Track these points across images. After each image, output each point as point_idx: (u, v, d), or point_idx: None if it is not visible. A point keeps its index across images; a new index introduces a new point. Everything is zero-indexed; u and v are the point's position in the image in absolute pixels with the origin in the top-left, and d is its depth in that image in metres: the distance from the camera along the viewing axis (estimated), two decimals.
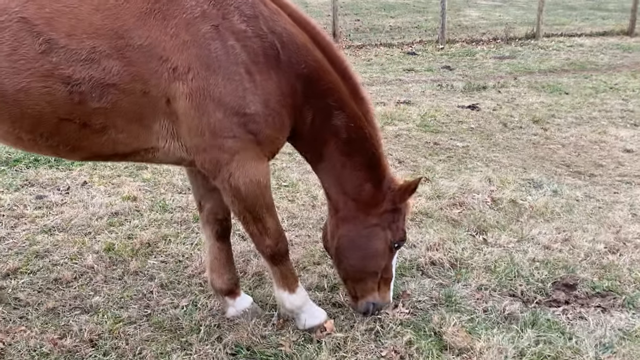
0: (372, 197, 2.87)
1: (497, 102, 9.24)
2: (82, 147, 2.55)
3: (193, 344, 2.76)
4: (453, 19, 18.44)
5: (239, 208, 2.67)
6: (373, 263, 2.92)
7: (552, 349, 2.78)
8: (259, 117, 2.52)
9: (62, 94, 2.36)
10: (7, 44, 2.30)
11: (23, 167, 5.12)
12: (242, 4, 2.50)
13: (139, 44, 2.38)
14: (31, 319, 2.95)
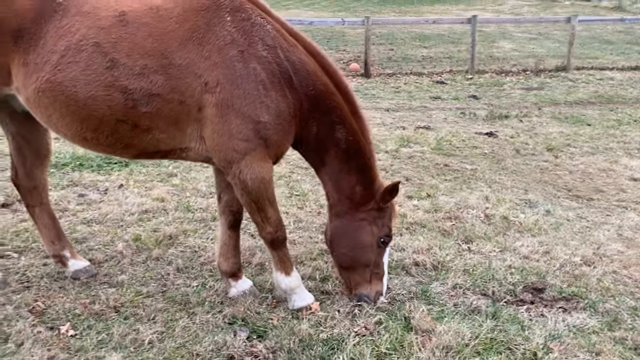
0: (362, 197, 3.40)
1: (516, 130, 9.56)
2: (133, 145, 3.17)
3: (197, 314, 3.28)
4: (485, 50, 18.84)
5: (245, 199, 3.22)
6: (361, 254, 3.41)
7: (505, 335, 3.17)
8: (270, 125, 3.08)
9: (119, 100, 2.99)
10: (83, 62, 2.96)
11: (69, 170, 5.83)
12: (265, 36, 3.10)
13: (179, 63, 2.99)
14: (68, 289, 3.54)
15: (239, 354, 2.92)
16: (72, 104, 2.99)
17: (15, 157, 3.62)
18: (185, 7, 3.08)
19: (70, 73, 2.95)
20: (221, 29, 3.03)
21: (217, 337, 3.03)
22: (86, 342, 2.97)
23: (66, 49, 2.95)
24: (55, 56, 2.96)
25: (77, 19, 2.99)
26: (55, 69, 2.96)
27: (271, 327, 3.19)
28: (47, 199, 3.74)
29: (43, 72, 2.97)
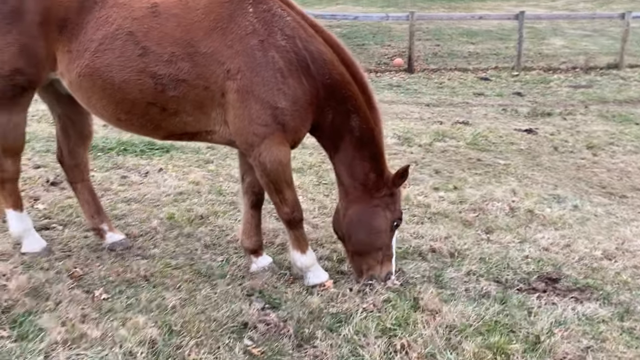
0: (375, 183, 3.55)
1: (557, 128, 9.42)
2: (162, 127, 3.43)
3: (219, 285, 3.52)
4: (535, 46, 18.42)
5: (264, 180, 3.43)
6: (377, 238, 3.55)
7: (510, 319, 3.26)
8: (287, 111, 3.27)
9: (150, 85, 3.26)
10: (118, 49, 3.24)
11: (114, 154, 6.22)
12: (284, 27, 3.30)
13: (204, 52, 3.23)
14: (104, 259, 3.85)
15: (252, 321, 3.13)
16: (108, 87, 3.28)
17: (60, 137, 3.96)
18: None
19: (107, 59, 3.24)
20: (243, 20, 3.23)
21: (234, 305, 3.25)
22: (116, 304, 3.26)
23: (103, 38, 3.24)
24: (94, 44, 3.25)
25: (113, 10, 3.27)
26: (94, 56, 3.25)
27: (285, 299, 3.39)
28: (88, 177, 4.07)
29: (83, 59, 3.27)
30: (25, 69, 3.38)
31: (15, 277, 3.44)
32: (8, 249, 3.84)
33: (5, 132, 3.53)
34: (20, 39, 3.31)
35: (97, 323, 3.04)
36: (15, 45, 3.32)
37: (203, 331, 3.01)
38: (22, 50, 3.33)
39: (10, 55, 3.33)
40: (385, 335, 3.06)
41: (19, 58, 3.34)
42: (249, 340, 3.01)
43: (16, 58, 3.34)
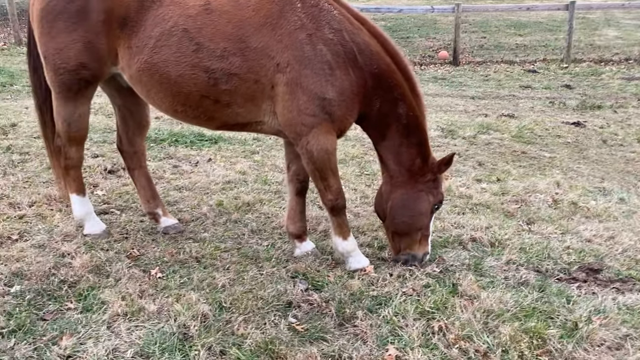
0: (420, 168, 3.69)
1: (607, 121, 9.21)
2: (215, 118, 3.63)
3: (265, 267, 3.71)
4: (586, 38, 17.91)
5: (311, 168, 3.59)
6: (419, 220, 3.70)
7: (548, 305, 3.31)
8: (334, 101, 3.42)
9: (203, 78, 3.45)
10: (174, 45, 3.45)
11: (166, 145, 6.53)
12: (332, 20, 3.44)
13: (254, 47, 3.40)
14: (158, 241, 4.11)
15: (297, 301, 3.31)
16: (164, 81, 3.50)
17: (120, 126, 4.24)
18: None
19: (164, 55, 3.45)
20: (292, 15, 3.39)
21: (279, 286, 3.43)
22: (171, 282, 3.49)
23: (161, 34, 3.45)
24: (152, 40, 3.46)
25: (170, 8, 3.48)
26: (152, 52, 3.47)
27: (327, 282, 3.55)
28: (144, 164, 4.34)
29: (142, 54, 3.49)
30: (89, 64, 3.64)
31: (79, 256, 3.73)
32: (72, 230, 4.15)
33: (70, 122, 3.81)
34: (85, 36, 3.57)
35: (153, 298, 3.28)
36: (81, 42, 3.58)
37: (250, 308, 3.21)
38: (87, 46, 3.59)
39: (76, 51, 3.60)
40: (424, 317, 3.18)
41: (84, 54, 3.60)
42: (293, 317, 3.18)
43: (81, 54, 3.60)
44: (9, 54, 13.60)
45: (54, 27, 3.60)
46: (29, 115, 7.48)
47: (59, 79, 3.69)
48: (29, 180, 5.14)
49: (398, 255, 3.80)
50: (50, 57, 3.67)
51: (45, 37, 3.65)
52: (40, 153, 5.86)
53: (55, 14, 3.58)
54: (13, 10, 14.77)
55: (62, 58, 3.62)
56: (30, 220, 4.33)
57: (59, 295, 3.31)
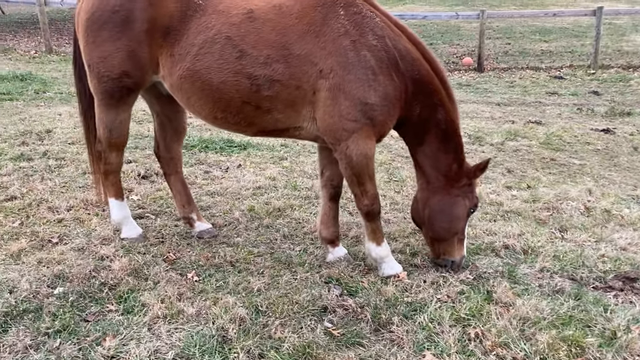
0: (456, 174, 3.74)
1: (638, 127, 9.07)
2: (255, 123, 3.68)
3: (298, 272, 3.75)
4: (614, 44, 17.66)
5: (349, 173, 3.62)
6: (456, 225, 3.75)
7: (585, 314, 3.28)
8: (377, 106, 3.46)
9: (245, 85, 3.51)
10: (217, 52, 3.51)
11: (197, 151, 6.63)
12: (374, 27, 3.49)
13: (298, 53, 3.45)
14: (193, 245, 4.18)
15: (332, 306, 3.34)
16: (206, 88, 3.56)
17: (158, 132, 4.34)
18: (304, 4, 3.52)
19: (206, 62, 3.51)
20: (335, 22, 3.44)
21: (314, 291, 3.47)
22: (207, 286, 3.56)
23: (204, 42, 3.52)
24: (194, 48, 3.54)
25: (212, 16, 3.55)
26: (194, 59, 3.53)
27: (361, 287, 3.58)
28: (181, 169, 4.43)
29: (185, 62, 3.57)
30: (132, 72, 3.73)
31: (118, 259, 3.82)
32: (109, 234, 4.25)
33: (112, 128, 3.91)
34: (128, 45, 3.67)
35: (191, 301, 3.35)
36: (124, 50, 3.68)
37: (286, 312, 3.25)
38: (130, 55, 3.68)
39: (120, 59, 3.70)
40: (460, 324, 3.18)
41: (127, 62, 3.70)
42: (329, 322, 3.21)
43: (124, 62, 3.70)
44: (40, 62, 13.93)
45: (98, 36, 3.70)
46: (62, 122, 7.67)
47: (102, 87, 3.80)
48: (65, 185, 5.27)
49: (438, 260, 3.85)
50: (95, 66, 3.77)
51: (90, 46, 3.76)
52: (76, 159, 6.01)
53: (100, 24, 3.69)
54: (44, 19, 15.13)
55: (106, 66, 3.73)
56: (68, 224, 4.45)
57: (100, 297, 3.40)
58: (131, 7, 3.63)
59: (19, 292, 3.36)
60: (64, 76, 11.84)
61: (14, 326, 3.07)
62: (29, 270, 3.66)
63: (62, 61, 13.95)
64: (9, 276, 3.55)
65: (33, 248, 4.00)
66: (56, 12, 23.82)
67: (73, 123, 7.55)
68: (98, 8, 3.70)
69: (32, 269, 3.67)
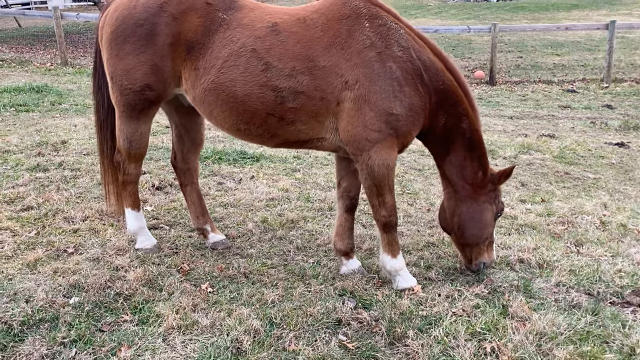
0: (482, 181, 3.79)
1: None
2: (278, 135, 3.70)
3: (312, 284, 3.75)
4: (626, 57, 17.60)
5: (369, 183, 3.62)
6: (486, 230, 3.83)
7: (603, 330, 3.24)
8: (402, 117, 3.49)
9: (270, 97, 3.54)
10: (242, 65, 3.54)
11: (210, 162, 6.67)
12: (399, 39, 3.53)
13: (323, 65, 3.48)
14: (207, 257, 4.20)
15: (346, 319, 3.32)
16: (231, 100, 3.59)
17: (176, 143, 4.37)
18: (328, 17, 3.56)
19: (231, 75, 3.54)
20: (361, 34, 3.48)
21: (328, 303, 3.46)
22: (221, 297, 3.56)
23: (229, 55, 3.55)
24: (219, 61, 3.57)
25: (237, 30, 3.59)
26: (219, 72, 3.57)
27: (376, 300, 3.56)
28: (197, 180, 4.46)
29: (209, 75, 3.60)
30: (154, 85, 3.77)
31: (133, 270, 3.84)
32: (124, 245, 4.27)
33: (132, 140, 3.96)
34: (152, 58, 3.71)
35: (206, 313, 3.35)
36: (148, 64, 3.72)
37: (301, 325, 3.24)
38: (153, 68, 3.72)
39: (143, 73, 3.74)
40: (475, 338, 3.15)
41: (150, 75, 3.74)
42: (344, 335, 3.20)
43: (147, 76, 3.74)
44: (56, 73, 14.14)
45: (122, 49, 3.75)
46: (78, 133, 7.75)
47: (124, 99, 3.84)
48: (81, 196, 5.32)
49: (471, 265, 3.92)
50: (118, 78, 3.82)
51: (113, 59, 3.81)
52: (91, 169, 6.07)
53: (124, 37, 3.74)
54: (60, 32, 15.38)
55: (129, 79, 3.77)
56: (84, 234, 4.48)
57: (115, 308, 3.41)
58: (155, 22, 3.67)
59: (35, 302, 3.39)
60: (79, 88, 12.01)
61: (30, 335, 3.09)
62: (44, 279, 3.68)
63: (77, 73, 14.15)
64: (25, 285, 3.58)
65: (49, 258, 4.03)
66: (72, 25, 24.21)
67: (88, 134, 7.64)
68: (123, 22, 3.75)
69: (48, 279, 3.70)
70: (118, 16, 3.78)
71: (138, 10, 3.72)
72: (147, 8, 3.70)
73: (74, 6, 35.47)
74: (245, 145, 7.53)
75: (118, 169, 4.12)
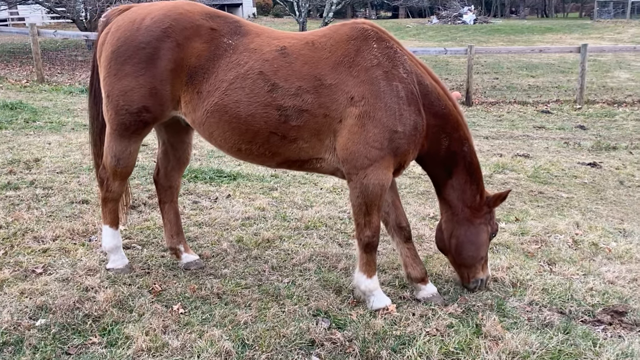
0: (479, 204, 3.89)
1: (623, 162, 9.19)
2: (279, 153, 3.71)
3: (286, 305, 3.71)
4: (598, 79, 18.08)
5: (359, 201, 3.62)
6: (482, 251, 3.95)
7: (574, 348, 3.26)
8: (404, 135, 3.55)
9: (274, 116, 3.57)
10: (248, 87, 3.58)
11: (186, 181, 6.61)
12: (405, 62, 3.63)
13: (329, 83, 3.54)
14: (180, 277, 4.13)
15: (320, 339, 3.29)
16: (234, 121, 3.60)
17: (161, 159, 4.33)
18: (336, 39, 3.63)
19: (236, 96, 3.57)
20: (368, 54, 3.56)
21: (302, 324, 3.42)
22: (193, 318, 3.50)
23: (235, 78, 3.58)
24: (224, 84, 3.59)
25: (245, 54, 3.62)
26: (224, 94, 3.59)
27: (350, 320, 3.54)
28: (176, 199, 4.42)
29: (213, 97, 3.61)
30: (151, 108, 3.75)
31: (103, 290, 3.76)
32: (95, 265, 4.19)
33: (120, 158, 3.91)
34: (152, 82, 3.69)
35: (177, 334, 3.29)
36: (147, 87, 3.70)
37: (273, 346, 3.20)
38: (152, 92, 3.70)
39: (140, 95, 3.71)
40: (449, 358, 3.15)
41: (148, 98, 3.72)
42: (317, 356, 3.16)
43: (145, 98, 3.72)
44: (32, 90, 13.97)
45: (121, 69, 3.72)
46: (51, 151, 7.64)
47: (119, 119, 3.80)
48: (52, 215, 5.22)
49: (468, 284, 4.02)
50: (114, 97, 3.78)
51: (111, 78, 3.77)
52: (63, 188, 5.97)
53: (125, 58, 3.71)
54: (37, 49, 15.24)
55: (126, 100, 3.74)
56: (53, 254, 4.39)
57: (83, 330, 3.33)
58: (158, 46, 3.67)
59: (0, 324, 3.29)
60: (55, 105, 11.87)
61: None
62: (10, 301, 3.59)
63: (53, 90, 13.99)
64: None
65: (16, 278, 3.93)
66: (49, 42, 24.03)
67: (62, 152, 7.53)
68: (124, 42, 3.73)
69: (14, 300, 3.60)
70: (120, 36, 3.76)
71: (141, 33, 3.71)
72: (150, 31, 3.69)
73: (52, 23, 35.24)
74: (222, 163, 7.49)
75: (101, 185, 4.06)
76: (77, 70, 18.74)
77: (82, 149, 7.83)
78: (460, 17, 44.43)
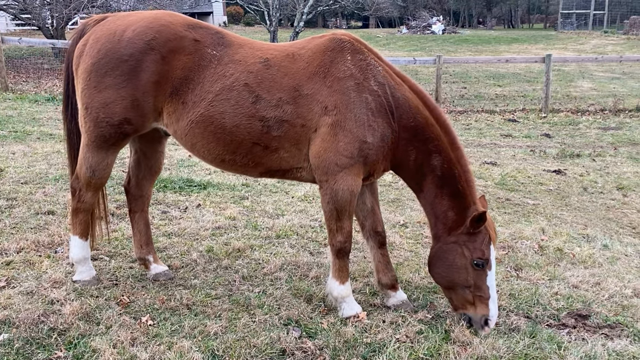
0: (454, 221, 3.64)
1: (587, 169, 9.45)
2: (262, 163, 3.74)
3: (257, 315, 3.70)
4: (562, 89, 18.57)
5: (330, 207, 3.66)
6: (455, 274, 3.59)
7: (540, 352, 3.34)
8: (372, 145, 3.59)
9: (257, 127, 3.61)
10: (233, 99, 3.61)
11: (155, 190, 6.52)
12: (377, 74, 3.67)
13: (306, 93, 3.60)
14: (149, 288, 4.07)
15: (290, 349, 3.29)
16: (219, 132, 3.63)
17: (132, 168, 4.28)
18: (314, 50, 3.70)
19: (221, 108, 3.60)
20: (342, 65, 3.62)
21: (272, 333, 3.42)
22: (162, 330, 3.45)
23: (221, 89, 3.60)
24: (210, 95, 3.61)
25: (230, 66, 3.65)
26: (209, 105, 3.61)
27: (321, 329, 3.54)
28: (147, 209, 4.37)
29: (199, 108, 3.62)
30: (133, 120, 3.72)
31: (69, 303, 3.68)
32: (61, 277, 4.10)
33: (96, 169, 3.86)
34: (134, 94, 3.66)
35: (145, 347, 3.24)
36: (128, 99, 3.66)
37: (244, 356, 3.18)
38: (134, 104, 3.67)
39: (122, 107, 3.68)
40: None
41: (130, 110, 3.69)
42: None
43: (127, 110, 3.69)
44: None
45: (102, 82, 3.67)
46: (15, 161, 7.46)
47: (98, 131, 3.75)
48: (16, 226, 5.09)
49: (456, 313, 3.73)
50: (94, 110, 3.72)
51: (91, 90, 3.71)
52: (28, 199, 5.83)
53: (106, 70, 3.66)
54: (1, 57, 14.88)
55: (107, 112, 3.70)
56: (18, 267, 4.28)
57: (48, 344, 3.25)
58: (141, 59, 3.64)
59: None
60: (20, 114, 11.60)
61: None
62: None
63: (18, 99, 13.67)
64: None
65: None
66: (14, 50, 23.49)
67: (27, 162, 7.36)
68: (105, 55, 3.68)
69: None
70: (101, 48, 3.71)
71: (123, 45, 3.67)
72: (133, 44, 3.66)
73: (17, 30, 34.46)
74: (192, 172, 7.43)
75: (73, 194, 3.99)
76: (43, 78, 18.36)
77: (47, 158, 7.67)
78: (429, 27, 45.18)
